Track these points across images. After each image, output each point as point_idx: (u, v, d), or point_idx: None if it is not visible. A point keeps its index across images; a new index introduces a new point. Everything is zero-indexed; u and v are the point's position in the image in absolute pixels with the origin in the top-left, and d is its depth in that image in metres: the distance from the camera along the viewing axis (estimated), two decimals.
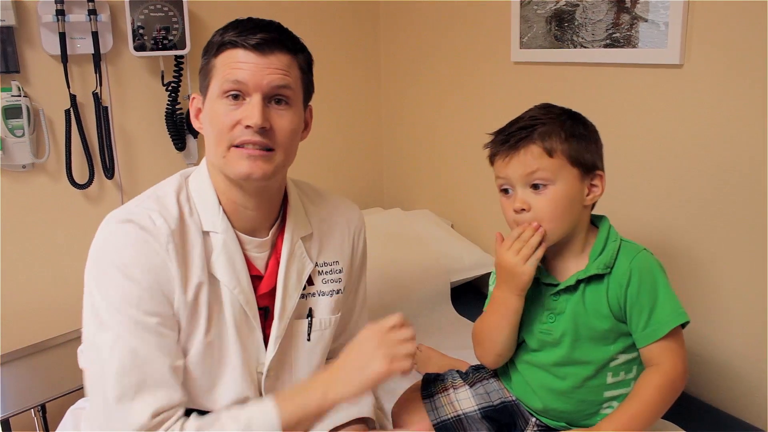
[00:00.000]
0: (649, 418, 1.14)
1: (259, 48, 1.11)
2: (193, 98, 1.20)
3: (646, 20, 1.52)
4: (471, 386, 1.35)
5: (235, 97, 1.11)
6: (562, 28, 1.73)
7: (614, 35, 1.60)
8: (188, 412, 1.13)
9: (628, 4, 1.55)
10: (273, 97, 1.13)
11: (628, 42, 1.57)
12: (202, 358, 1.16)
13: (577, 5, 1.68)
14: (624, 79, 1.62)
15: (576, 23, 1.69)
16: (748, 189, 1.40)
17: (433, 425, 1.30)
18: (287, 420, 1.09)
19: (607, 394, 1.22)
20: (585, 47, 1.68)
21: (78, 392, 1.58)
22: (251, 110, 1.10)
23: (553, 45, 1.77)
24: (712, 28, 1.42)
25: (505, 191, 1.23)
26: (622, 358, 1.20)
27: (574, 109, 1.76)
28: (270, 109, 1.12)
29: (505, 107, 1.99)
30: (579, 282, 1.20)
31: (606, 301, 1.18)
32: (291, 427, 1.10)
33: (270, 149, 1.13)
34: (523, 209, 1.19)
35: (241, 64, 1.11)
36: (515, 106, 1.94)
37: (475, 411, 1.32)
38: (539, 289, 1.25)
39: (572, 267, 1.22)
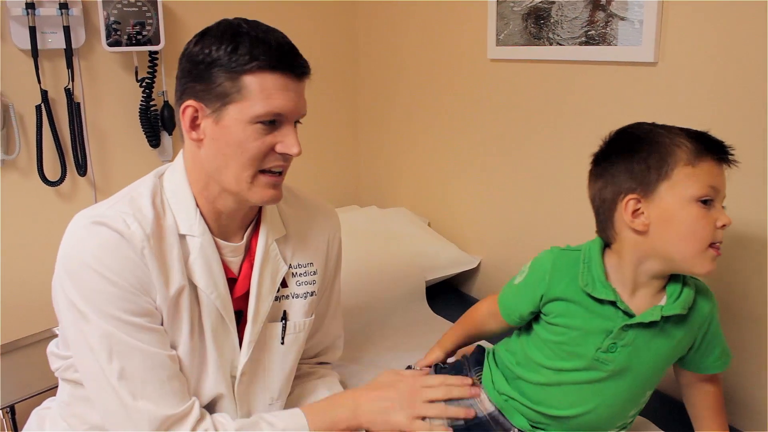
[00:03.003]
0: None
1: (300, 76, 1.11)
2: (189, 106, 1.10)
3: (621, 18, 1.52)
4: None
5: (270, 122, 1.08)
6: (538, 25, 1.73)
7: (590, 33, 1.60)
8: None
9: (604, 2, 1.55)
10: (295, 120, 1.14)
11: (604, 40, 1.57)
12: (188, 360, 1.15)
13: (553, 2, 1.67)
14: (600, 76, 1.62)
15: (552, 20, 1.69)
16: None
17: None
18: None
19: (618, 423, 1.22)
20: (561, 45, 1.68)
21: (47, 393, 1.55)
22: (290, 139, 1.11)
23: (530, 42, 1.77)
24: (686, 27, 1.42)
25: (706, 202, 1.06)
26: (649, 394, 1.22)
27: (550, 105, 1.78)
28: None
29: (482, 105, 1.99)
30: (663, 318, 1.12)
31: (678, 341, 1.15)
32: None
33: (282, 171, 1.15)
34: (724, 225, 1.07)
35: (283, 93, 1.08)
36: (492, 104, 1.95)
37: (442, 422, 1.26)
38: (609, 313, 1.14)
39: (647, 302, 1.14)
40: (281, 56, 1.07)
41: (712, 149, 1.08)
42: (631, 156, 1.11)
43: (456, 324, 1.44)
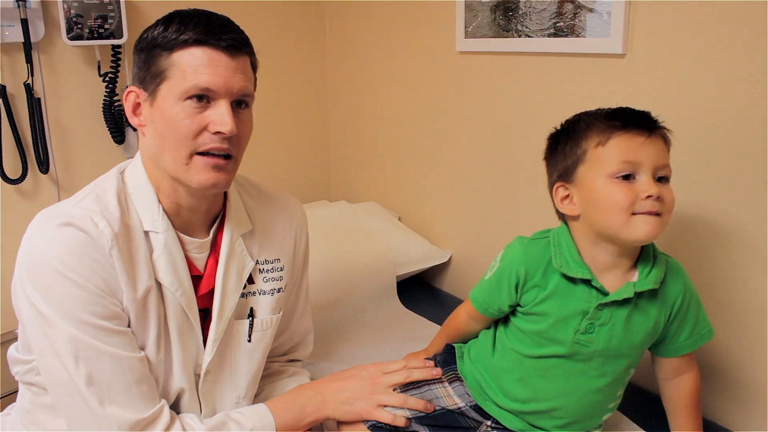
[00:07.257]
0: None
1: (230, 50, 1.06)
2: (131, 92, 1.10)
3: (589, 10, 1.52)
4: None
5: (200, 98, 1.05)
6: (507, 17, 1.72)
7: (558, 24, 1.59)
8: None
9: None
10: (236, 102, 1.09)
11: (572, 31, 1.56)
12: (155, 359, 1.13)
13: None
14: (568, 68, 1.62)
15: (520, 12, 1.68)
16: (690, 178, 1.41)
17: (367, 427, 1.26)
18: (282, 427, 1.18)
19: (610, 405, 1.23)
20: (530, 36, 1.67)
21: (9, 398, 1.51)
22: (222, 117, 1.05)
23: (498, 34, 1.76)
24: (654, 18, 1.42)
25: (627, 177, 1.07)
26: (632, 371, 1.22)
27: (519, 97, 1.77)
28: (234, 114, 1.07)
29: (451, 97, 1.98)
30: (636, 294, 1.13)
31: (655, 318, 1.16)
32: None
33: (229, 156, 1.09)
34: (659, 197, 1.05)
35: (210, 68, 1.05)
36: (461, 97, 1.94)
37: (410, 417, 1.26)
38: (583, 294, 1.15)
39: (619, 281, 1.15)
40: (210, 30, 1.05)
41: (624, 124, 1.09)
42: (555, 148, 1.18)
43: (439, 332, 1.44)
